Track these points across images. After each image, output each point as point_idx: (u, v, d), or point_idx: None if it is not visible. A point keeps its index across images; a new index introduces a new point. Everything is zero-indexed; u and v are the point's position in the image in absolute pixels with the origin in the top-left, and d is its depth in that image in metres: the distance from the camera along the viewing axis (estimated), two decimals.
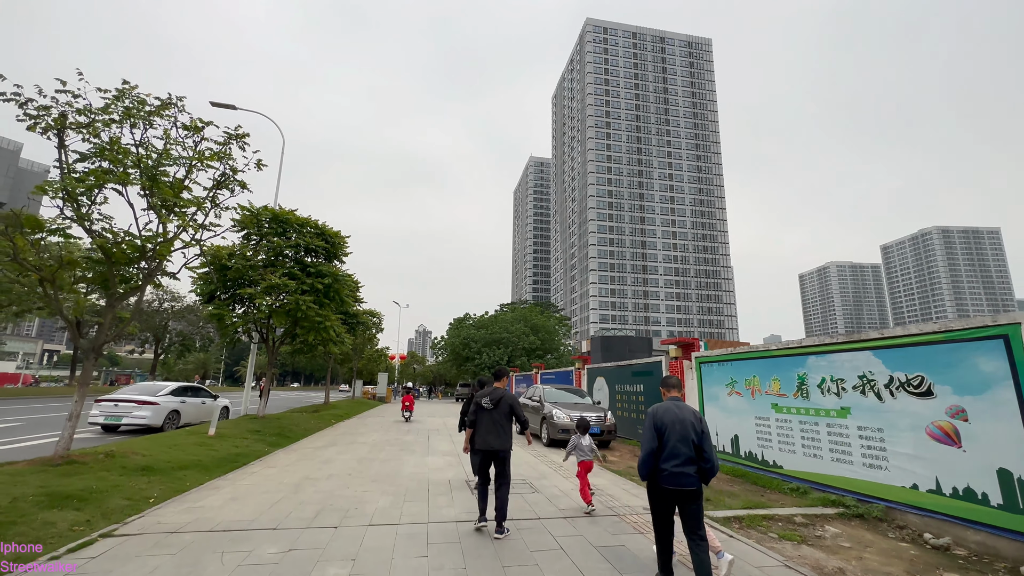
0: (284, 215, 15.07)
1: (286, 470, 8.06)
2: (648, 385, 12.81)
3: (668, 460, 3.53)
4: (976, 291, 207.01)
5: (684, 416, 3.64)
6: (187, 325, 47.49)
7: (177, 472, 7.20)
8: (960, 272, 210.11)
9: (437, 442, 12.30)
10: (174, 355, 49.92)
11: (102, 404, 13.50)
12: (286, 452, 10.11)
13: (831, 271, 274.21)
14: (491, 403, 5.17)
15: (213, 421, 10.85)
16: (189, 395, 15.44)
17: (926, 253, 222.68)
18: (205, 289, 14.06)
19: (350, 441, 12.10)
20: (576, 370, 18.46)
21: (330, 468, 8.33)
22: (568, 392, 13.74)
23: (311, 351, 21.49)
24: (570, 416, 11.43)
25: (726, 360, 9.48)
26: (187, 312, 45.01)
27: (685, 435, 3.56)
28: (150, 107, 7.38)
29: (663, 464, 3.54)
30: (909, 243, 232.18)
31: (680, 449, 3.53)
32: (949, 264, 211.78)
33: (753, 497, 6.81)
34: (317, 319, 14.62)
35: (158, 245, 7.45)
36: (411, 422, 17.92)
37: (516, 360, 37.57)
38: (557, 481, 7.57)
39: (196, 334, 48.72)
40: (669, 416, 3.65)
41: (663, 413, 3.69)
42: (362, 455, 9.84)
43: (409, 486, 7.01)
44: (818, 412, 7.14)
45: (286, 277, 14.07)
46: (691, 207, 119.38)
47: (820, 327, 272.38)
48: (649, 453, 3.60)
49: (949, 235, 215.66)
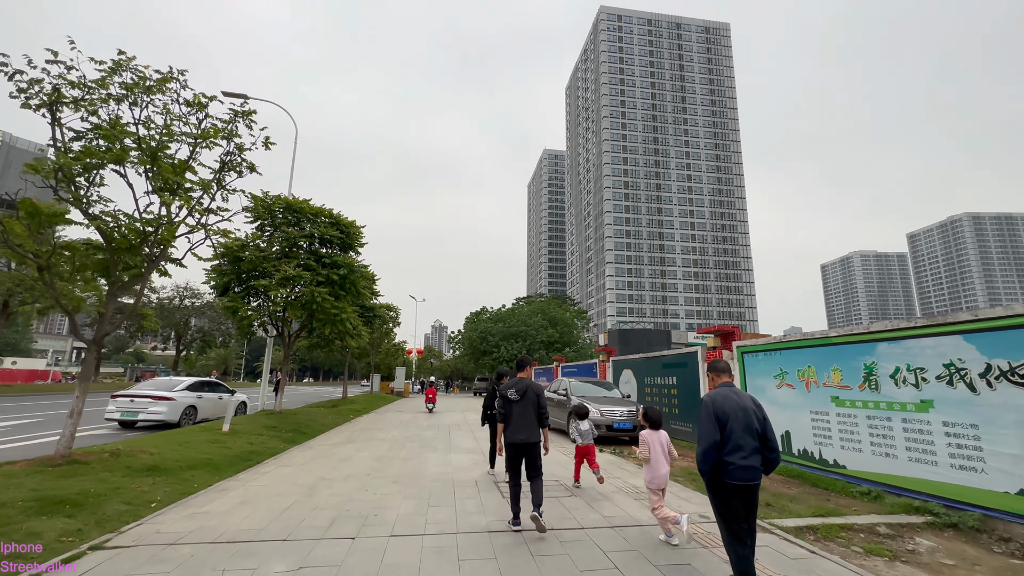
0: (298, 204, 14.60)
1: (301, 469, 7.53)
2: (682, 377, 12.02)
3: (733, 452, 3.18)
4: (1009, 278, 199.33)
5: (745, 403, 3.30)
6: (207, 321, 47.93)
7: (185, 472, 6.72)
8: (992, 259, 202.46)
9: (459, 438, 11.72)
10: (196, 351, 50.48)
11: (118, 400, 13.25)
12: (302, 449, 9.62)
13: (855, 261, 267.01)
14: (517, 394, 4.94)
15: (227, 417, 10.43)
16: (206, 390, 15.17)
17: (956, 240, 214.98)
18: (219, 281, 13.68)
19: (369, 438, 11.60)
20: (601, 362, 17.71)
21: (348, 467, 7.78)
22: (595, 385, 13.02)
23: (328, 345, 21.16)
24: (600, 411, 10.73)
25: (774, 349, 8.66)
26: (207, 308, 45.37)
27: (749, 424, 3.24)
28: (150, 81, 6.84)
29: (728, 457, 3.19)
30: (938, 231, 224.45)
31: (746, 440, 3.20)
32: (980, 251, 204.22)
33: (819, 502, 6.03)
34: (333, 311, 14.14)
35: (161, 229, 6.93)
36: (433, 414, 17.57)
37: (535, 353, 36.92)
38: (594, 482, 6.89)
39: (216, 330, 49.16)
40: (729, 404, 3.28)
41: (722, 401, 3.31)
42: (381, 453, 9.30)
43: (433, 488, 6.41)
44: (891, 406, 6.31)
45: (301, 268, 13.62)
46: (709, 196, 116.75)
47: (843, 318, 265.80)
48: (712, 446, 3.21)
49: (980, 221, 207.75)
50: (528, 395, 4.95)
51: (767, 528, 4.86)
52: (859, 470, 6.75)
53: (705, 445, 3.22)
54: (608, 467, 8.09)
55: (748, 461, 3.17)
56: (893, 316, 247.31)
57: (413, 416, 18.18)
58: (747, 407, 3.29)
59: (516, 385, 5.00)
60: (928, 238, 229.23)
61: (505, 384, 5.13)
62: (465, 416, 18.37)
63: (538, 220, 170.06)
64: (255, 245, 14.12)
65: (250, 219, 14.56)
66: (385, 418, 17.09)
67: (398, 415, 18.60)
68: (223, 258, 13.53)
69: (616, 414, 10.71)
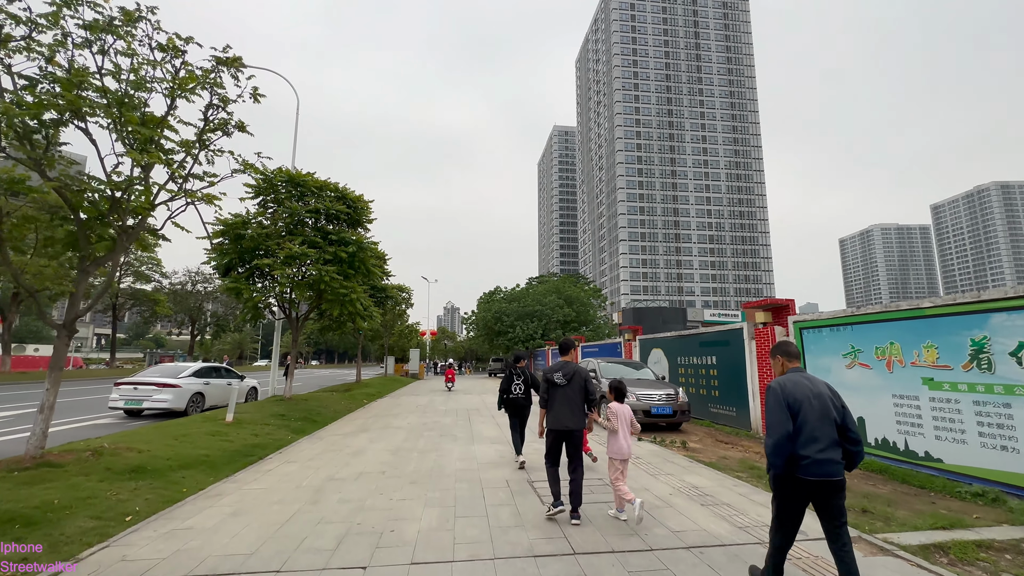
0: (300, 178, 13.58)
1: (308, 466, 6.68)
2: (723, 357, 10.94)
3: (808, 445, 2.82)
4: None
5: (819, 390, 2.96)
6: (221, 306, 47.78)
7: (176, 473, 5.89)
8: (1021, 229, 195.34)
9: (480, 425, 10.85)
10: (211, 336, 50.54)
11: (121, 388, 12.64)
12: (311, 441, 8.80)
13: (875, 234, 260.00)
14: (565, 378, 4.65)
15: (231, 406, 9.65)
16: (214, 376, 14.52)
17: (982, 211, 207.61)
18: (220, 261, 12.81)
19: (383, 425, 10.78)
20: (626, 342, 16.67)
21: (360, 462, 6.91)
22: (625, 366, 12.01)
23: (340, 328, 20.42)
24: (636, 395, 9.73)
25: (844, 324, 7.51)
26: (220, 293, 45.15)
27: (825, 412, 2.88)
28: (113, 17, 5.77)
29: (802, 450, 2.82)
30: (963, 201, 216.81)
31: (822, 430, 2.84)
32: (1008, 222, 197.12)
33: (926, 507, 4.98)
34: (342, 291, 13.23)
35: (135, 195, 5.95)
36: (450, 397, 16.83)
37: (550, 333, 35.99)
38: (649, 483, 5.91)
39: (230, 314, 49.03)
40: (801, 391, 2.93)
41: (792, 387, 2.95)
42: (397, 444, 8.44)
43: (459, 490, 5.48)
44: (1011, 390, 5.19)
45: (306, 246, 12.68)
46: (726, 170, 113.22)
47: (862, 294, 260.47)
48: (784, 437, 2.83)
49: (1009, 190, 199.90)
50: (576, 380, 4.65)
51: (884, 547, 3.84)
52: (961, 464, 5.67)
53: (776, 437, 2.84)
54: (653, 461, 7.12)
55: (825, 454, 2.81)
56: (915, 291, 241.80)
57: (429, 399, 17.43)
58: (822, 394, 2.94)
59: (563, 368, 4.68)
60: (953, 209, 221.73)
61: (550, 367, 4.81)
62: (483, 399, 17.55)
63: (549, 199, 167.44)
64: (258, 222, 13.20)
65: (251, 194, 13.63)
66: (400, 403, 16.34)
67: (414, 399, 17.86)
68: (224, 236, 12.65)
69: (653, 398, 9.71)
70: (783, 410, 2.87)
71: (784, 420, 2.84)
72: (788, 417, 2.85)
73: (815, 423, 2.83)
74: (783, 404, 2.89)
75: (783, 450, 2.81)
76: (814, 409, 2.86)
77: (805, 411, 2.86)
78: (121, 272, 36.66)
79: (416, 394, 20.56)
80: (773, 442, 2.84)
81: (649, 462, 6.99)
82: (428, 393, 20.86)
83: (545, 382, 4.75)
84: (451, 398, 18.13)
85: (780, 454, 2.82)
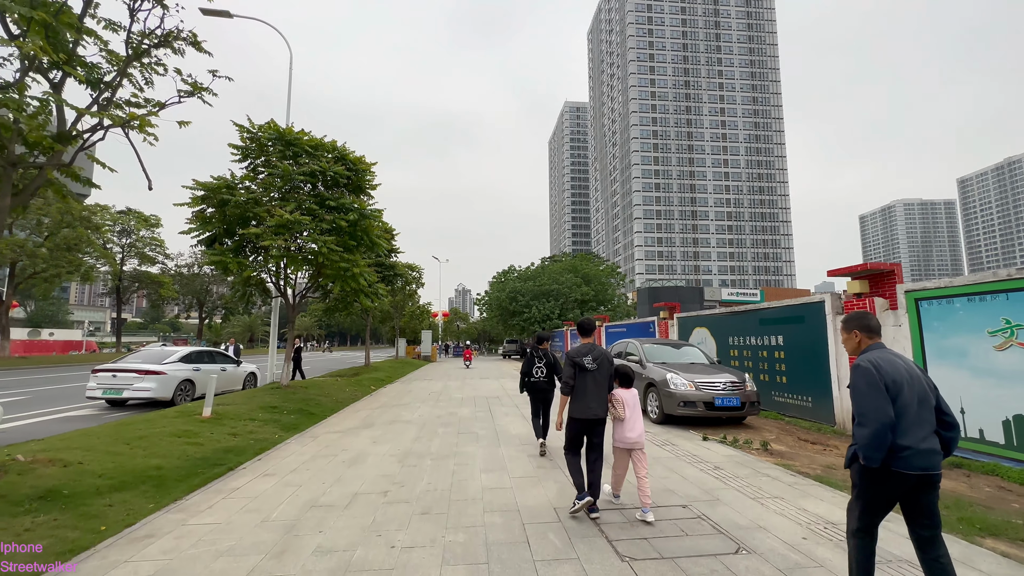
0: (292, 135, 11.84)
1: (288, 483, 5.10)
2: (794, 337, 9.12)
3: (909, 433, 2.39)
4: None
5: (913, 369, 2.51)
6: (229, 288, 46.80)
7: (102, 499, 4.33)
8: None
9: (504, 418, 9.23)
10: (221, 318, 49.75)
11: (99, 375, 11.26)
12: (301, 441, 7.25)
13: (897, 210, 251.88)
14: (594, 363, 4.22)
15: (208, 398, 8.11)
16: (206, 361, 13.11)
17: (1012, 184, 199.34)
18: (202, 229, 11.22)
19: (391, 419, 9.21)
20: (662, 320, 14.87)
21: (356, 476, 5.32)
22: (670, 347, 10.23)
23: (346, 308, 18.93)
24: (694, 382, 7.99)
25: (992, 291, 5.65)
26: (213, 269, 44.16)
27: (924, 396, 2.46)
28: None
29: (903, 439, 2.38)
30: (992, 174, 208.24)
31: (924, 416, 2.44)
32: None
33: None
34: (343, 265, 11.60)
35: (16, 110, 4.24)
36: (467, 382, 15.22)
37: (568, 313, 34.29)
38: (760, 515, 4.22)
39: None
40: (897, 371, 2.45)
41: (887, 367, 2.46)
42: (406, 445, 6.84)
43: (490, 530, 3.83)
44: None
45: (299, 212, 11.02)
46: (745, 144, 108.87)
47: None
48: (887, 426, 2.35)
49: None
50: (604, 364, 4.28)
51: None
52: None
53: (876, 425, 2.36)
54: (739, 473, 5.41)
55: (928, 443, 2.42)
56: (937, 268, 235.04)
57: (444, 386, 15.90)
58: (917, 373, 2.51)
59: (591, 352, 4.29)
60: (981, 182, 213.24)
61: (577, 349, 4.34)
62: (502, 384, 15.98)
63: (560, 177, 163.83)
64: (246, 187, 11.57)
65: (237, 156, 11.98)
66: (412, 390, 14.82)
67: (426, 385, 16.34)
68: (205, 202, 11.03)
69: (717, 386, 7.97)
70: (881, 394, 2.43)
71: (884, 405, 2.41)
72: (889, 402, 2.42)
73: (917, 408, 2.45)
74: (880, 386, 2.45)
75: (884, 441, 2.38)
76: (914, 392, 2.47)
77: (905, 395, 2.45)
78: (124, 254, 35.57)
79: (429, 378, 19.08)
80: (872, 432, 2.39)
81: (735, 475, 5.28)
82: (442, 378, 19.37)
83: (573, 366, 4.23)
84: (467, 383, 16.59)
85: (880, 446, 2.38)
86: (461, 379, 18.52)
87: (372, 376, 17.69)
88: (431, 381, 17.79)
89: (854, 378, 2.54)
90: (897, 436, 2.42)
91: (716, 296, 77.05)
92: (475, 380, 17.99)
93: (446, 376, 20.26)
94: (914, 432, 2.41)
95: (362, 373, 19.05)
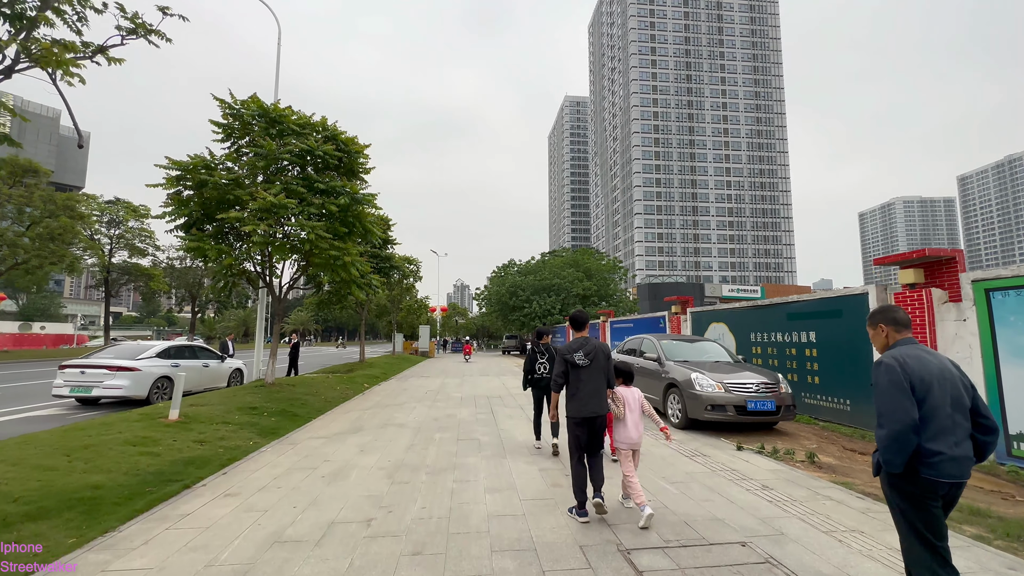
0: (277, 112, 10.89)
1: (251, 507, 4.21)
2: (830, 333, 8.24)
3: (940, 437, 2.17)
4: None
5: (945, 366, 2.28)
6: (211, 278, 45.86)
7: (10, 531, 3.43)
8: None
9: (508, 422, 8.35)
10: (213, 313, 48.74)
11: (66, 371, 10.37)
12: (278, 449, 6.35)
13: (896, 207, 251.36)
14: (587, 358, 3.98)
15: (175, 399, 7.19)
16: (187, 356, 12.23)
17: (1012, 181, 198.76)
18: (178, 213, 10.27)
19: (382, 423, 8.32)
20: (673, 315, 13.98)
21: (336, 498, 4.43)
22: (689, 344, 9.34)
23: (340, 302, 18.05)
24: (723, 384, 7.12)
25: None
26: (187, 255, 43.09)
27: (958, 397, 2.22)
28: None
29: (932, 444, 2.17)
30: (993, 171, 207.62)
31: (955, 418, 2.21)
32: None
33: None
34: (333, 253, 10.69)
35: None
36: (466, 381, 14.33)
37: (569, 308, 33.38)
38: (803, 534, 3.35)
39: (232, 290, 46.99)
40: (926, 369, 2.24)
41: (915, 364, 2.25)
42: (397, 457, 5.95)
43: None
44: None
45: (284, 195, 10.09)
46: (747, 139, 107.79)
47: (881, 270, 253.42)
48: (909, 428, 2.14)
49: None
50: (598, 358, 4.02)
51: None
52: None
53: (896, 426, 2.16)
54: (793, 493, 4.54)
55: (961, 450, 2.19)
56: None
57: (442, 383, 15.01)
58: (950, 371, 2.27)
59: (583, 346, 4.03)
60: (981, 180, 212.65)
61: (568, 345, 4.11)
62: (503, 382, 15.10)
63: (560, 172, 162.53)
64: (226, 168, 10.64)
65: (219, 135, 11.03)
66: (407, 388, 13.93)
67: (423, 382, 15.45)
68: (180, 183, 10.09)
69: (749, 388, 7.09)
70: (904, 393, 2.19)
71: (907, 406, 2.17)
72: (912, 402, 2.18)
73: (947, 409, 2.20)
74: (904, 385, 2.21)
75: (906, 444, 2.14)
76: (945, 392, 2.21)
77: (934, 395, 2.20)
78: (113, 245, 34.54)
79: (426, 375, 18.19)
80: (890, 434, 2.16)
81: (790, 497, 4.41)
82: (440, 375, 18.48)
83: (563, 363, 4.07)
84: (466, 381, 15.71)
85: (902, 450, 2.14)
86: (460, 376, 17.65)
87: (366, 373, 16.79)
88: (428, 378, 16.91)
89: (876, 375, 2.34)
90: (926, 440, 2.20)
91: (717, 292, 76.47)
92: (475, 377, 17.11)
93: (444, 373, 19.38)
94: (946, 436, 2.19)
95: (356, 369, 18.17)
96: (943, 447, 2.17)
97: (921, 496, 2.21)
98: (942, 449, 2.17)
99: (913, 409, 2.19)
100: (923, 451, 2.19)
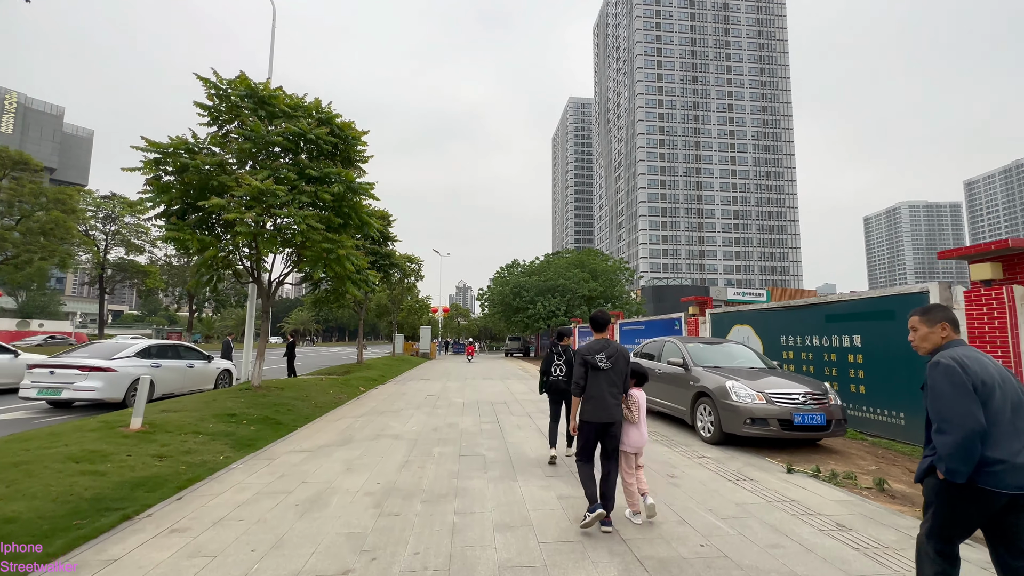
0: (267, 92, 10.06)
1: (196, 551, 3.32)
2: (878, 337, 7.33)
3: (1001, 445, 2.01)
4: None
5: (1003, 369, 2.17)
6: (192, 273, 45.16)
7: None
8: None
9: (517, 433, 7.45)
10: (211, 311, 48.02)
11: (34, 372, 9.54)
12: (250, 467, 5.45)
13: (902, 212, 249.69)
14: (608, 361, 3.80)
15: (139, 406, 6.30)
16: (169, 356, 11.41)
17: (1020, 187, 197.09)
18: (158, 199, 9.42)
19: (375, 433, 7.42)
20: (691, 316, 13.07)
21: (307, 536, 3.54)
22: (715, 348, 8.42)
23: (337, 300, 17.19)
24: (763, 394, 6.21)
25: None
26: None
27: (1019, 401, 2.09)
28: None
29: (993, 452, 2.00)
30: (1000, 176, 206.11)
31: (1019, 424, 2.04)
32: None
33: None
34: (326, 246, 9.85)
35: None
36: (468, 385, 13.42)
37: (575, 309, 32.51)
38: None
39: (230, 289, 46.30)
40: (987, 372, 2.10)
41: (975, 366, 2.10)
42: (388, 478, 5.05)
43: None
44: None
45: (272, 181, 9.25)
46: (753, 141, 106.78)
47: (886, 274, 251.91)
48: (976, 435, 1.99)
49: None
50: (619, 362, 3.85)
51: None
52: None
53: (964, 432, 1.98)
54: (864, 528, 3.63)
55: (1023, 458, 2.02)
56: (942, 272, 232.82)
57: (443, 387, 14.12)
58: (1007, 375, 2.15)
59: (605, 348, 3.84)
60: (988, 184, 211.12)
61: (588, 346, 3.89)
62: (508, 387, 14.20)
63: (564, 174, 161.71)
64: (209, 152, 9.79)
65: (205, 119, 10.19)
66: (406, 392, 13.04)
67: (423, 386, 14.57)
68: (159, 166, 9.25)
69: (796, 399, 6.18)
70: (970, 396, 2.02)
71: (974, 410, 2.00)
72: (979, 406, 2.01)
73: (1010, 414, 2.04)
74: (967, 387, 2.03)
75: (972, 452, 1.98)
76: (1008, 396, 2.06)
77: (997, 399, 2.04)
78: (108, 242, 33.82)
79: (426, 378, 17.31)
80: (957, 440, 1.99)
81: (877, 541, 3.49)
82: (441, 378, 17.60)
83: (584, 365, 3.80)
84: (468, 385, 14.82)
85: (968, 458, 1.98)
86: (462, 379, 16.76)
87: (363, 375, 15.92)
88: (428, 381, 16.02)
89: (933, 378, 2.15)
90: (987, 447, 2.03)
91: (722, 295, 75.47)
92: (477, 381, 16.22)
93: (445, 375, 18.49)
94: (1008, 443, 2.02)
95: (353, 371, 17.30)
96: (1005, 455, 2.02)
97: (976, 506, 2.06)
98: (1004, 457, 2.01)
99: (980, 414, 2.02)
100: (982, 459, 2.03)
